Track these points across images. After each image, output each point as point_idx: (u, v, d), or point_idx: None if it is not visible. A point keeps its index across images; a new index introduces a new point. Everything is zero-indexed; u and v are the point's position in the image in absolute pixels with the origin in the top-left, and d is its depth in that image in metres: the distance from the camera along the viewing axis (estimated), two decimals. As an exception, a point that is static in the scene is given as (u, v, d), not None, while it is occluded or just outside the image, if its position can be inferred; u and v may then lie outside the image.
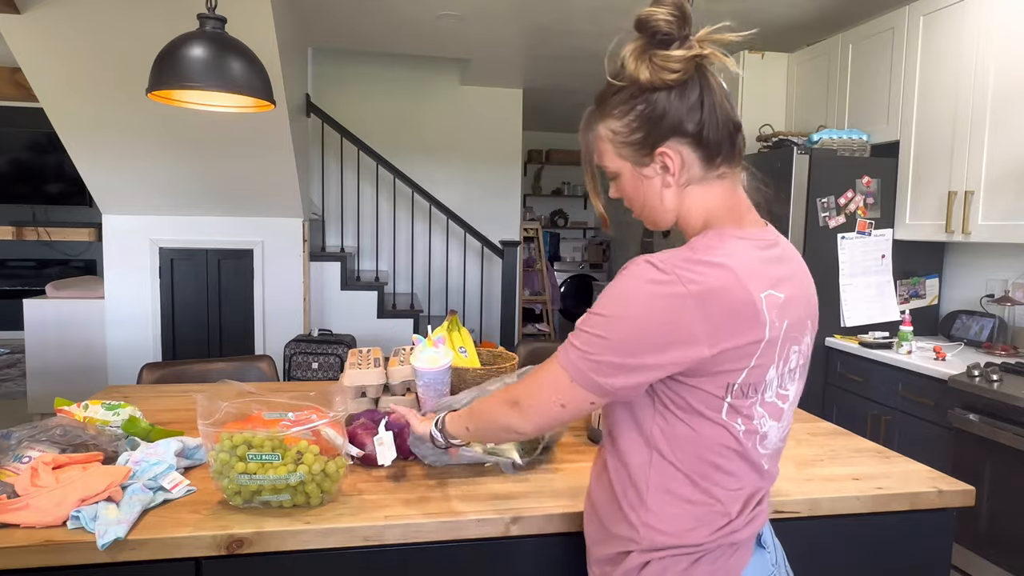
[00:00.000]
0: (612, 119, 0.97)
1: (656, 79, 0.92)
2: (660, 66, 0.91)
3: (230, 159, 3.96)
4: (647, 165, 0.97)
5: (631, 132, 0.95)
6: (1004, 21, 2.67)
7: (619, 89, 0.95)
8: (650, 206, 1.00)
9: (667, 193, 0.98)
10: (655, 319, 0.88)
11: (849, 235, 3.20)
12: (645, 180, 0.98)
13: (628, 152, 0.97)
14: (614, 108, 0.96)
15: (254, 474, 1.16)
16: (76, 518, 1.12)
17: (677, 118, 0.93)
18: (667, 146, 0.94)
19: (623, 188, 1.01)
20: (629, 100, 0.95)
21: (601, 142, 0.99)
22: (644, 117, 0.94)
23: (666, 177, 0.96)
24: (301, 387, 2.18)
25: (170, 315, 4.46)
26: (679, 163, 0.95)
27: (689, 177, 0.96)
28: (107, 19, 3.13)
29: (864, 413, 2.97)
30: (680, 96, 0.93)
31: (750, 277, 0.90)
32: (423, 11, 4.03)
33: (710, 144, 0.95)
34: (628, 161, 0.98)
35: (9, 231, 4.62)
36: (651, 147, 0.95)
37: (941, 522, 1.39)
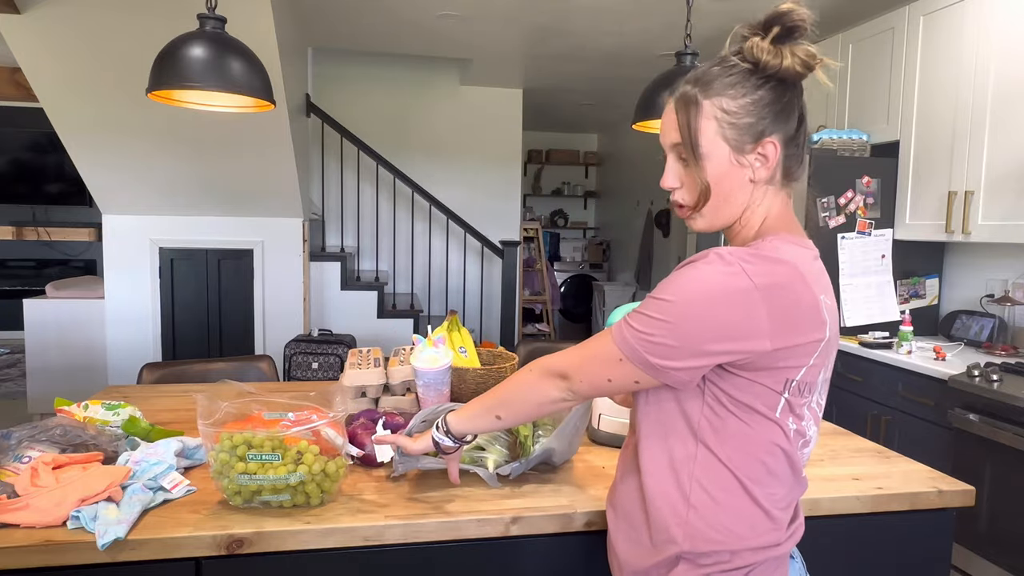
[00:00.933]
0: (725, 98, 0.95)
1: (791, 69, 0.93)
2: (798, 57, 0.93)
3: (230, 159, 3.96)
4: (747, 153, 0.96)
5: (744, 115, 0.95)
6: (1004, 21, 2.68)
7: (739, 71, 0.95)
8: (724, 198, 0.98)
9: (749, 188, 0.98)
10: (720, 308, 0.88)
11: (849, 235, 3.20)
12: (736, 169, 0.96)
13: (733, 135, 0.95)
14: (730, 88, 0.95)
15: (254, 474, 1.16)
16: (76, 518, 1.12)
17: (787, 116, 0.96)
18: (773, 138, 0.95)
19: (706, 173, 0.97)
20: (747, 84, 0.95)
21: (705, 120, 0.96)
22: (762, 102, 0.94)
23: (757, 170, 0.96)
24: (301, 387, 2.18)
25: (170, 315, 4.46)
26: (777, 158, 0.96)
27: (771, 178, 0.98)
28: (107, 19, 3.13)
29: (864, 413, 2.97)
30: (795, 96, 0.97)
31: (813, 279, 0.93)
32: (423, 11, 4.03)
33: (797, 154, 0.99)
34: (728, 145, 0.96)
35: (9, 231, 4.62)
36: (759, 134, 0.95)
37: (941, 522, 1.39)
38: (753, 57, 0.94)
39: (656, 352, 0.91)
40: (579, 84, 5.79)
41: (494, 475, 1.33)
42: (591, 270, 8.02)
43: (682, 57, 2.08)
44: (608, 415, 1.60)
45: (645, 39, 4.41)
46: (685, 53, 2.08)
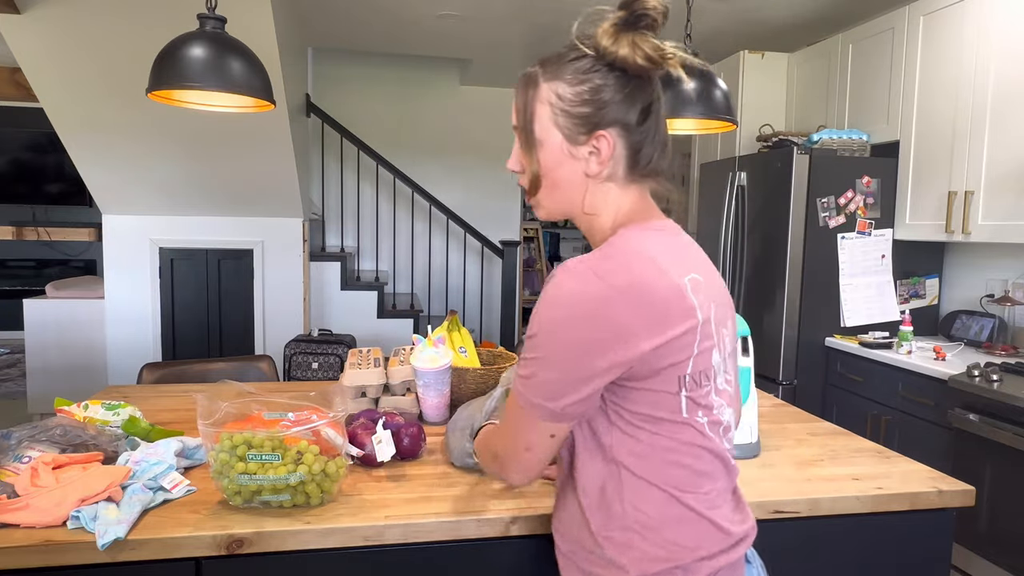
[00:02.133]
0: (563, 83, 0.91)
1: (631, 59, 0.88)
2: (640, 48, 0.88)
3: (230, 159, 3.96)
4: (580, 144, 0.92)
5: (579, 103, 0.90)
6: (1004, 21, 2.68)
7: (582, 56, 0.91)
8: (559, 189, 0.95)
9: (584, 183, 0.94)
10: (586, 323, 0.84)
11: (849, 235, 3.21)
12: (569, 160, 0.93)
13: (566, 123, 0.91)
14: (568, 73, 0.91)
15: (254, 474, 1.16)
16: (76, 518, 1.12)
17: (626, 109, 0.91)
18: (608, 132, 0.91)
19: (539, 160, 0.94)
20: (589, 71, 0.90)
21: (540, 104, 0.92)
22: (598, 93, 0.90)
23: (591, 163, 0.92)
24: (301, 387, 2.18)
25: (170, 315, 4.46)
26: (610, 153, 0.92)
27: (612, 174, 0.94)
28: (107, 19, 3.13)
29: (864, 413, 2.97)
30: (637, 89, 0.91)
31: (670, 264, 0.89)
32: (423, 11, 4.03)
33: (642, 150, 0.93)
34: (561, 133, 0.92)
35: (9, 231, 4.62)
36: (593, 126, 0.91)
37: (941, 522, 1.39)
38: (594, 42, 0.90)
39: (547, 393, 0.87)
40: (579, 84, 5.79)
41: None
42: (591, 270, 8.01)
43: (682, 57, 2.08)
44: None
45: (645, 39, 4.40)
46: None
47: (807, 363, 3.24)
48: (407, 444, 1.44)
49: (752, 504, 1.30)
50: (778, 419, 1.85)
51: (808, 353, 3.24)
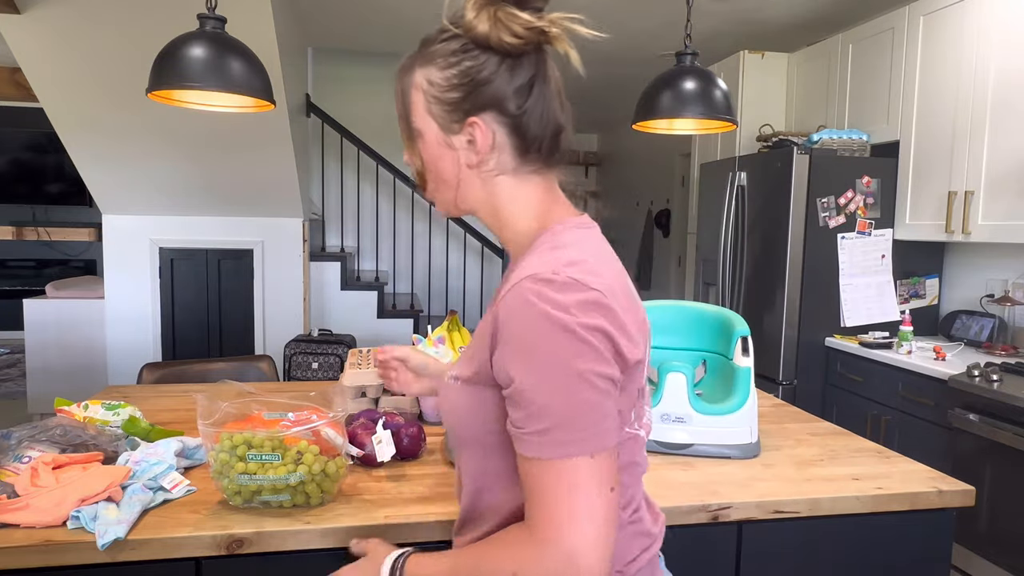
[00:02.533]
0: (433, 68, 0.84)
1: (494, 37, 0.80)
2: (503, 23, 0.79)
3: (230, 159, 3.96)
4: (455, 133, 0.84)
5: (448, 88, 0.83)
6: (1004, 21, 2.68)
7: (451, 36, 0.83)
8: (445, 182, 0.87)
9: (470, 175, 0.86)
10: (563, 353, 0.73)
11: (849, 235, 3.21)
12: (447, 151, 0.85)
13: (439, 111, 0.84)
14: (439, 56, 0.83)
15: (254, 474, 1.16)
16: (76, 518, 1.12)
17: (501, 91, 0.82)
18: (481, 118, 0.83)
19: (421, 153, 0.88)
20: (458, 52, 0.82)
21: (415, 91, 0.85)
22: (467, 76, 0.82)
23: (470, 154, 0.84)
24: (301, 387, 2.18)
25: (170, 315, 4.46)
26: (488, 142, 0.83)
27: (500, 166, 0.85)
28: (107, 19, 3.13)
29: (864, 413, 2.97)
30: (511, 69, 0.82)
31: (615, 260, 0.86)
32: (423, 11, 4.03)
33: (528, 134, 0.84)
34: (436, 122, 0.85)
35: (9, 231, 4.62)
36: (464, 113, 0.83)
37: (941, 522, 1.39)
38: (461, 21, 0.82)
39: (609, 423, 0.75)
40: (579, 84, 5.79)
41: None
42: (591, 270, 8.00)
43: (682, 57, 2.08)
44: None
45: (645, 39, 4.41)
46: (685, 53, 2.08)
47: (807, 363, 3.24)
48: (407, 444, 1.44)
49: (752, 504, 1.30)
50: (778, 419, 1.85)
51: (808, 353, 3.24)
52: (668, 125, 2.21)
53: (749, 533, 1.32)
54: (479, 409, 0.83)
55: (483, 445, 0.85)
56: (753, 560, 1.33)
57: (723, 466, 1.48)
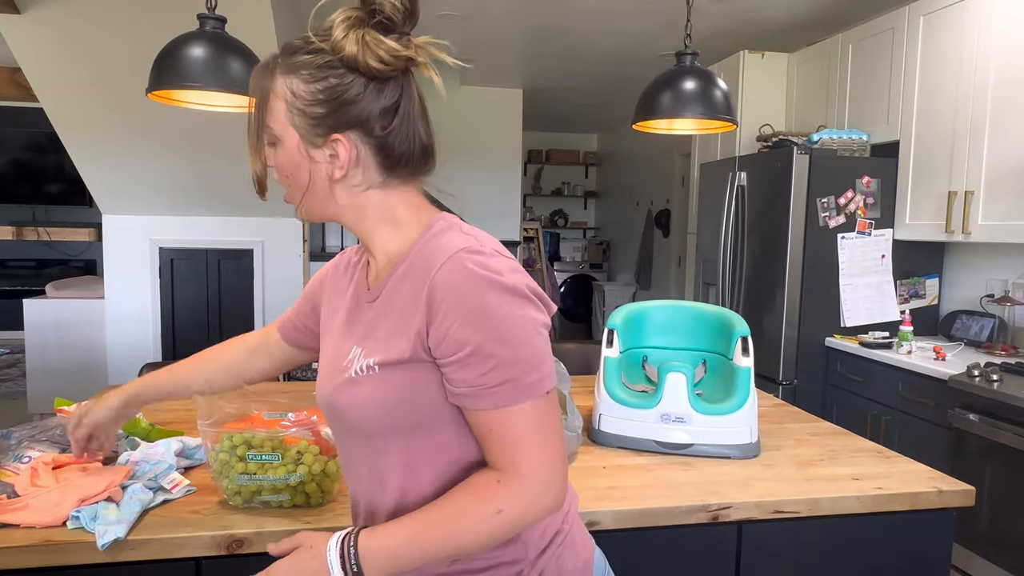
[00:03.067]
0: (297, 79, 0.83)
1: (361, 60, 0.81)
2: (370, 49, 0.81)
3: (230, 159, 3.96)
4: (317, 147, 0.85)
5: (313, 103, 0.83)
6: (1004, 21, 2.67)
7: (317, 50, 0.83)
8: (312, 192, 0.87)
9: (334, 186, 0.86)
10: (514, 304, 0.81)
11: (849, 235, 3.20)
12: (310, 162, 0.85)
13: (301, 123, 0.84)
14: (304, 68, 0.83)
15: (254, 474, 1.16)
16: (76, 518, 1.12)
17: (366, 112, 0.83)
18: (346, 136, 0.84)
19: (281, 160, 0.87)
20: (324, 68, 0.82)
21: (275, 99, 0.84)
22: (333, 94, 0.82)
23: (333, 168, 0.85)
24: (301, 387, 2.18)
25: (170, 315, 4.46)
26: (352, 158, 0.85)
27: (367, 180, 0.87)
28: (107, 19, 3.13)
29: (864, 413, 2.97)
30: (377, 92, 0.84)
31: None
32: (423, 11, 4.02)
33: (392, 153, 0.86)
34: (297, 133, 0.84)
35: (9, 231, 4.62)
36: (328, 128, 0.83)
37: (941, 522, 1.39)
38: (330, 37, 0.82)
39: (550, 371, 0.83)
40: (579, 84, 5.79)
41: None
42: (591, 270, 8.01)
43: (682, 57, 2.08)
44: (608, 415, 1.60)
45: (645, 39, 4.41)
46: (685, 53, 2.08)
47: (807, 363, 3.24)
48: (407, 444, 1.44)
49: (752, 504, 1.30)
50: (778, 419, 1.85)
51: (808, 353, 3.24)
52: (668, 125, 2.21)
53: (749, 533, 1.32)
54: (411, 390, 0.83)
55: (414, 428, 0.85)
56: (753, 560, 1.33)
57: (723, 466, 1.48)
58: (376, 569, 0.80)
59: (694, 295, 4.30)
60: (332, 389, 0.89)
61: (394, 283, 0.87)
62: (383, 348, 0.85)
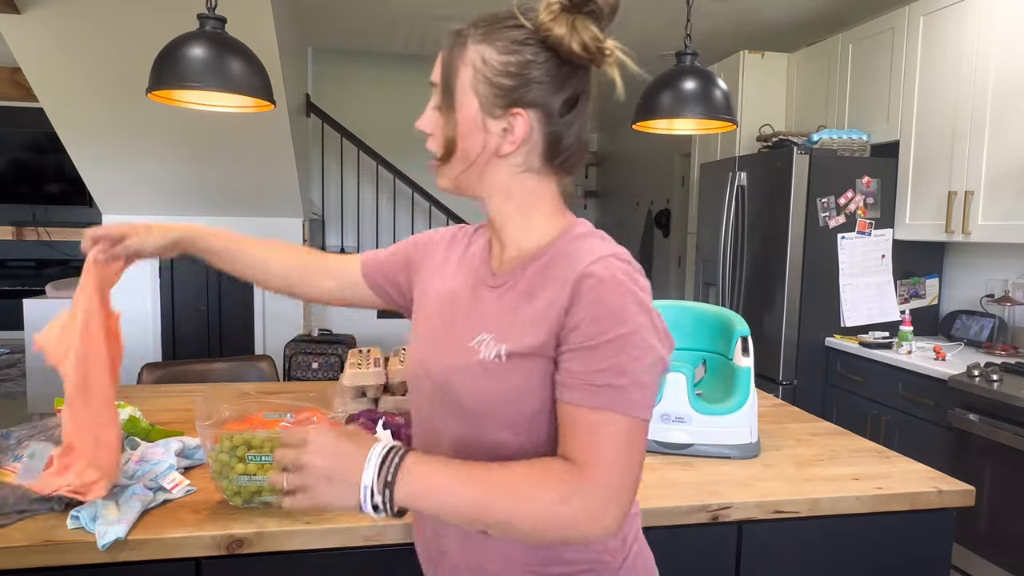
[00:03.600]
0: (491, 48, 0.84)
1: (566, 43, 0.82)
2: (577, 33, 0.82)
3: (230, 159, 3.96)
4: (494, 117, 0.85)
5: (502, 74, 0.83)
6: (1004, 21, 2.67)
7: (519, 26, 0.84)
8: (463, 159, 0.88)
9: (495, 162, 0.87)
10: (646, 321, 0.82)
11: (849, 235, 3.20)
12: (479, 132, 0.86)
13: (485, 91, 0.84)
14: (500, 39, 0.84)
15: (254, 475, 1.16)
16: (76, 518, 1.12)
17: (550, 96, 0.84)
18: (527, 111, 0.84)
19: (453, 124, 0.87)
20: (522, 42, 0.84)
21: (463, 64, 0.85)
22: (524, 68, 0.83)
23: (502, 142, 0.85)
24: (301, 387, 2.19)
25: (170, 315, 4.46)
26: (524, 135, 0.85)
27: (527, 163, 0.88)
28: (107, 19, 3.13)
29: (864, 413, 2.97)
30: (565, 79, 0.85)
31: None
32: (423, 11, 4.03)
33: (560, 144, 0.87)
34: (478, 100, 0.85)
35: (9, 231, 4.63)
36: (511, 102, 0.84)
37: (941, 522, 1.39)
38: (534, 16, 0.84)
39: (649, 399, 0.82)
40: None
41: None
42: (591, 270, 8.00)
43: (682, 57, 2.08)
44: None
45: (645, 39, 4.40)
46: (685, 53, 2.08)
47: (807, 363, 3.24)
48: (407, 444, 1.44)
49: (752, 504, 1.30)
50: (778, 419, 1.85)
51: (808, 353, 3.24)
52: (668, 125, 2.21)
53: (749, 533, 1.32)
54: (533, 380, 0.83)
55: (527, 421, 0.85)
56: (753, 560, 1.33)
57: (723, 466, 1.48)
58: (408, 491, 0.77)
59: (694, 295, 4.30)
60: (450, 368, 0.88)
61: (532, 274, 0.87)
62: (516, 337, 0.84)
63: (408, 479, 0.77)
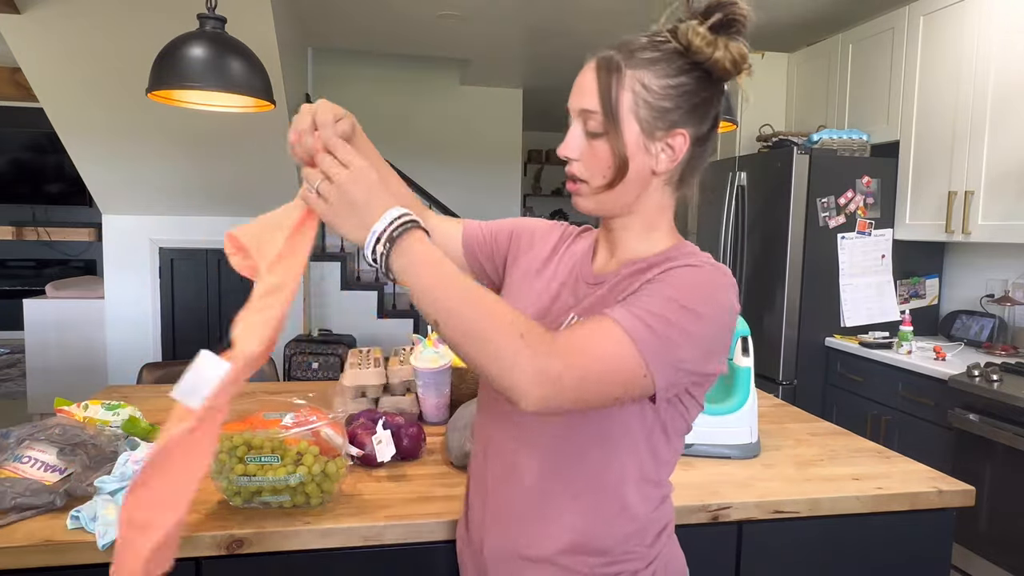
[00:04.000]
0: (649, 73, 0.86)
1: (720, 65, 0.87)
2: (730, 53, 0.87)
3: (230, 159, 3.96)
4: (655, 140, 0.88)
5: (663, 97, 0.86)
6: (1004, 21, 2.67)
7: (673, 50, 0.87)
8: (630, 183, 0.89)
9: (654, 181, 0.91)
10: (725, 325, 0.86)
11: (849, 235, 3.20)
12: (642, 153, 0.88)
13: (646, 115, 0.87)
14: (657, 64, 0.87)
15: (253, 475, 1.16)
16: (76, 518, 1.12)
17: (703, 114, 0.89)
18: (684, 131, 0.88)
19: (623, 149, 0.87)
20: (678, 66, 0.87)
21: (624, 91, 0.87)
22: (684, 90, 0.87)
23: (661, 161, 0.89)
24: (301, 387, 2.19)
25: (170, 315, 4.46)
26: (682, 153, 0.89)
27: (670, 178, 0.92)
28: (107, 19, 3.13)
29: (864, 413, 2.97)
30: (716, 95, 0.91)
31: None
32: (423, 11, 4.03)
33: (698, 162, 0.92)
34: (639, 125, 0.87)
35: (9, 231, 4.63)
36: (672, 123, 0.87)
37: (941, 522, 1.39)
38: (686, 39, 0.86)
39: (673, 362, 0.81)
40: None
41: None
42: (591, 270, 8.02)
43: (682, 57, 2.08)
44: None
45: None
46: (685, 53, 2.08)
47: (807, 363, 3.24)
48: (407, 444, 1.44)
49: (752, 504, 1.30)
50: (778, 419, 1.85)
51: (808, 353, 3.24)
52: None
53: (749, 533, 1.32)
54: None
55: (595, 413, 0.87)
56: (753, 560, 1.33)
57: (723, 466, 1.48)
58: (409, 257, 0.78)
59: (694, 295, 4.29)
60: None
61: (629, 275, 0.91)
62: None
63: (414, 247, 0.79)
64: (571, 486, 0.92)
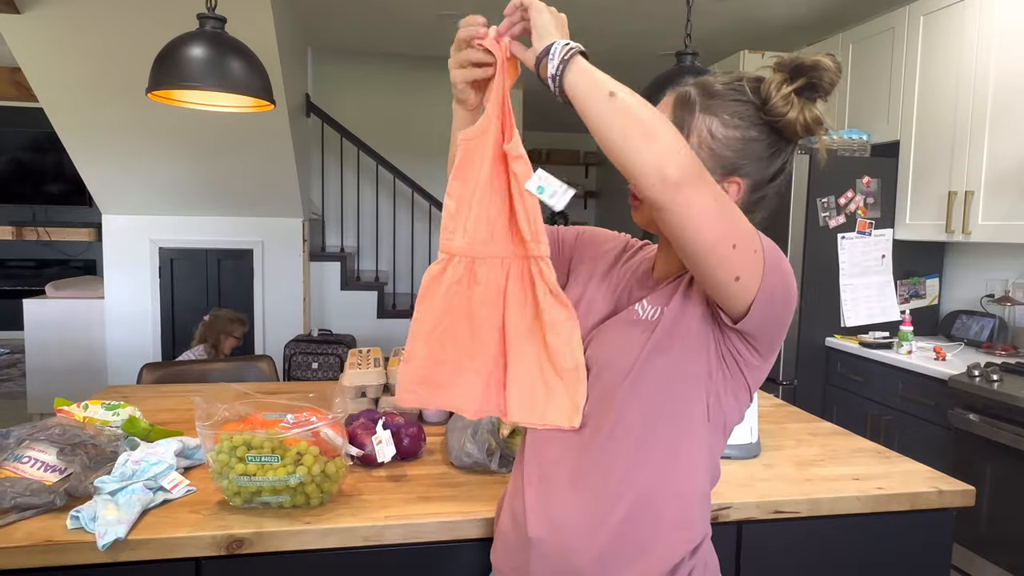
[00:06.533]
0: (717, 121, 0.90)
1: (795, 124, 0.88)
2: (804, 116, 0.87)
3: (230, 159, 3.96)
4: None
5: (726, 146, 0.90)
6: (1004, 21, 2.67)
7: (746, 101, 0.90)
8: None
9: None
10: (782, 335, 0.91)
11: (849, 235, 3.20)
12: None
13: (707, 158, 0.90)
14: (726, 113, 0.90)
15: (253, 475, 1.16)
16: (76, 518, 1.12)
17: (765, 167, 0.91)
18: (742, 180, 0.91)
19: None
20: (747, 119, 0.90)
21: (692, 134, 0.91)
22: (746, 145, 0.90)
23: None
24: (301, 387, 2.19)
25: (170, 315, 4.46)
26: (735, 199, 0.91)
27: None
28: (107, 19, 3.13)
29: (864, 413, 2.97)
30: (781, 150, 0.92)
31: None
32: (423, 11, 4.03)
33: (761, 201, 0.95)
34: None
35: (9, 231, 4.63)
36: (729, 171, 0.91)
37: (941, 522, 1.39)
38: (766, 93, 0.89)
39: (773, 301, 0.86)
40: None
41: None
42: (591, 270, 8.01)
43: (682, 57, 2.09)
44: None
45: (645, 39, 4.41)
46: (685, 53, 2.09)
47: (807, 363, 3.24)
48: (407, 444, 1.44)
49: (752, 504, 1.30)
50: (778, 419, 1.85)
51: (808, 353, 3.24)
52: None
53: (749, 533, 1.32)
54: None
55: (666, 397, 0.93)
56: (753, 560, 1.33)
57: (723, 466, 1.47)
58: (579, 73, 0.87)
59: (694, 295, 4.29)
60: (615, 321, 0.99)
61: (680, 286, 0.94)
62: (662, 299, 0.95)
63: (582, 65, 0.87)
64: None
